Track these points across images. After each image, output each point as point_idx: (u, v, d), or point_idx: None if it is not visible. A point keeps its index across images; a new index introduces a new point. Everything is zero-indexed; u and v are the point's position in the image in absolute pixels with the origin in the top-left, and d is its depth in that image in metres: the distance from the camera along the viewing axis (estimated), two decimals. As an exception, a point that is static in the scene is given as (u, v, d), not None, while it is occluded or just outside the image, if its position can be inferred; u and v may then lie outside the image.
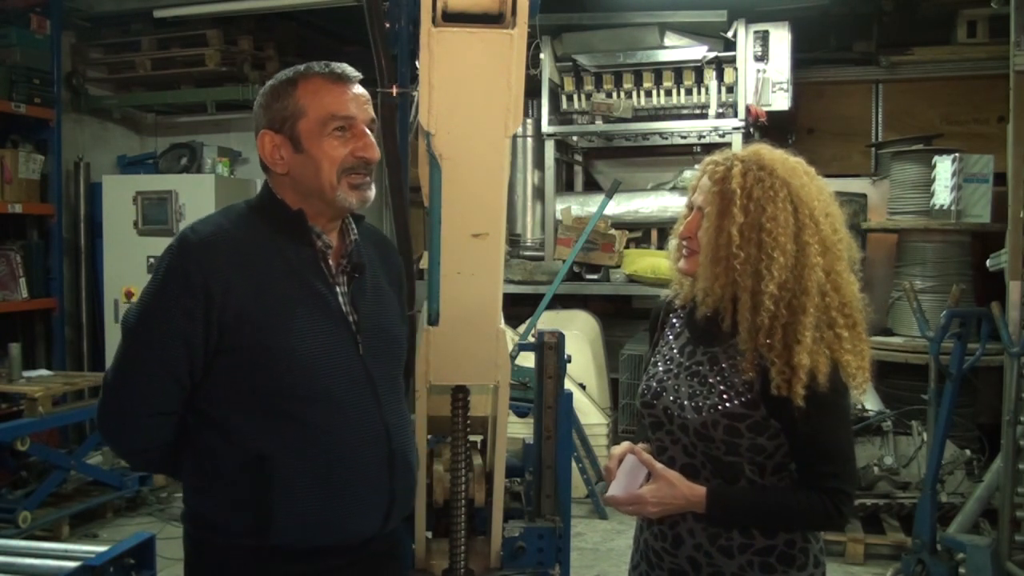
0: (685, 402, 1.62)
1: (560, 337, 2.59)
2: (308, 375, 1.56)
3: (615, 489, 1.62)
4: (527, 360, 3.09)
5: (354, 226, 1.71)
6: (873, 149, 6.09)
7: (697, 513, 1.59)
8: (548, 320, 4.80)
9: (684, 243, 1.68)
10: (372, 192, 1.65)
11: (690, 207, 1.69)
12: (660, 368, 1.71)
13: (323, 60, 1.66)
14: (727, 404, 1.57)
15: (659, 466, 1.60)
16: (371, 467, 1.62)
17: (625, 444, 1.70)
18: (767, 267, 1.54)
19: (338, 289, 1.65)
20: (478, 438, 2.51)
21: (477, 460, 2.43)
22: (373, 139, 1.63)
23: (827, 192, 1.63)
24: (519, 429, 3.28)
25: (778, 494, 1.59)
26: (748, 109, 5.37)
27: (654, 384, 1.69)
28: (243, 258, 1.56)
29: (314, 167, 1.59)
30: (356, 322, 1.64)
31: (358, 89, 1.63)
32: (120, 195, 5.94)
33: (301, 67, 1.63)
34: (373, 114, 1.66)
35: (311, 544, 1.59)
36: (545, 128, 5.90)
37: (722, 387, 1.59)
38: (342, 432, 1.59)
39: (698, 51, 5.47)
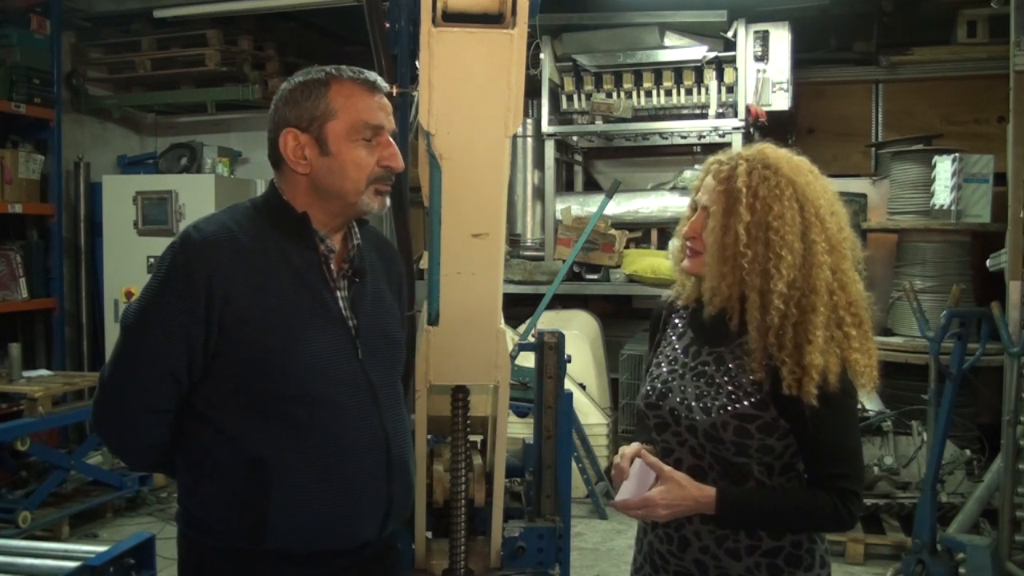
0: (693, 403, 1.60)
1: (560, 337, 2.59)
2: (307, 379, 1.56)
3: (624, 494, 1.60)
4: (527, 360, 3.09)
5: (357, 230, 1.71)
6: (873, 149, 6.09)
7: (704, 515, 1.58)
8: (548, 320, 4.80)
9: (688, 243, 1.67)
10: (388, 200, 1.67)
11: (694, 207, 1.68)
12: (664, 369, 1.70)
13: (325, 62, 1.66)
14: (737, 405, 1.56)
15: (667, 468, 1.58)
16: (369, 472, 1.61)
17: (635, 444, 1.68)
18: (775, 266, 1.53)
19: (339, 293, 1.64)
20: (478, 438, 2.51)
21: (477, 460, 2.43)
22: (397, 149, 1.63)
23: (831, 190, 1.62)
24: (519, 429, 3.29)
25: (788, 495, 1.58)
26: (748, 109, 5.37)
27: (659, 385, 1.68)
28: (246, 259, 1.55)
29: (340, 171, 1.59)
30: (356, 327, 1.64)
31: (385, 99, 1.64)
32: (120, 195, 5.96)
33: (331, 69, 1.61)
34: (395, 124, 1.67)
35: (306, 548, 1.58)
36: (545, 128, 5.89)
37: (730, 387, 1.58)
38: (340, 436, 1.58)
39: (698, 51, 5.47)
